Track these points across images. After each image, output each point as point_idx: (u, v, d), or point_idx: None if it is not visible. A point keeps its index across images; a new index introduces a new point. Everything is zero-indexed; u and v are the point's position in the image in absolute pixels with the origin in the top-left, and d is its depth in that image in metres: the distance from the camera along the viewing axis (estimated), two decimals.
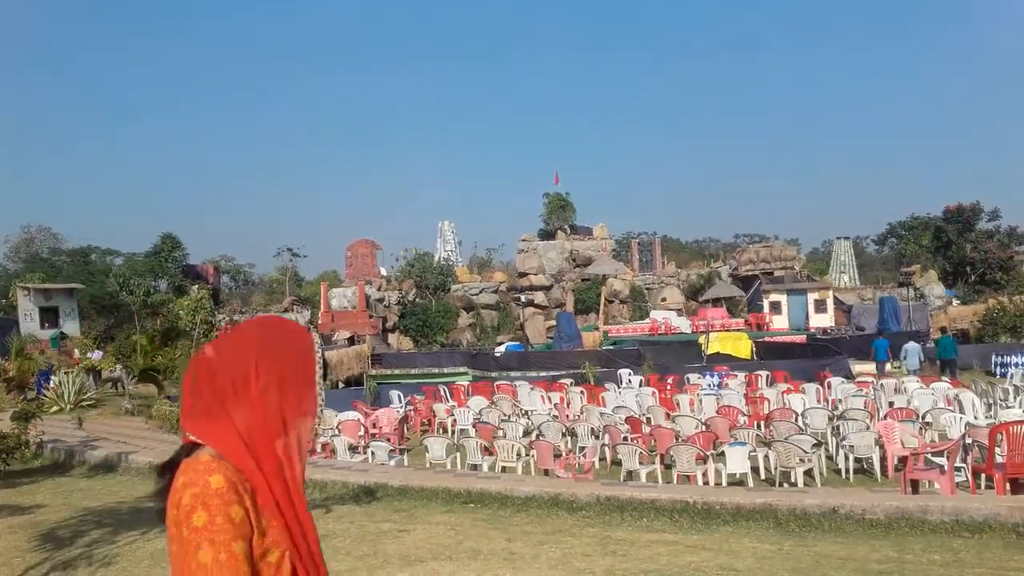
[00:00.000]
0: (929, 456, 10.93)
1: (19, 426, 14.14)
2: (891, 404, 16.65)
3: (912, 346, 24.17)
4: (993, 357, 25.94)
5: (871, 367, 25.07)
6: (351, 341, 40.30)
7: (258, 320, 1.71)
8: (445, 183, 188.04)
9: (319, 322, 44.89)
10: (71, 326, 40.14)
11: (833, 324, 42.23)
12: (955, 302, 41.47)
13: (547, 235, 53.98)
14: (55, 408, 21.73)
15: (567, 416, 18.16)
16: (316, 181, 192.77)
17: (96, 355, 29.55)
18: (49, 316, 39.90)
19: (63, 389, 22.64)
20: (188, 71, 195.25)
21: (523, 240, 53.32)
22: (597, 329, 41.67)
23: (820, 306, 43.08)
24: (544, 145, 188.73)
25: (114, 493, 11.19)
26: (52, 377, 23.94)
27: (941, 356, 24.54)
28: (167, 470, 1.55)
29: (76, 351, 33.90)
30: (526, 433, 15.91)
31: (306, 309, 47.39)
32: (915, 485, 10.21)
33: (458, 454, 14.36)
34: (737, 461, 12.00)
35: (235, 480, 1.46)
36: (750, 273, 47.75)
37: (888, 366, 25.02)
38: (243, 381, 1.56)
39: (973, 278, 48.68)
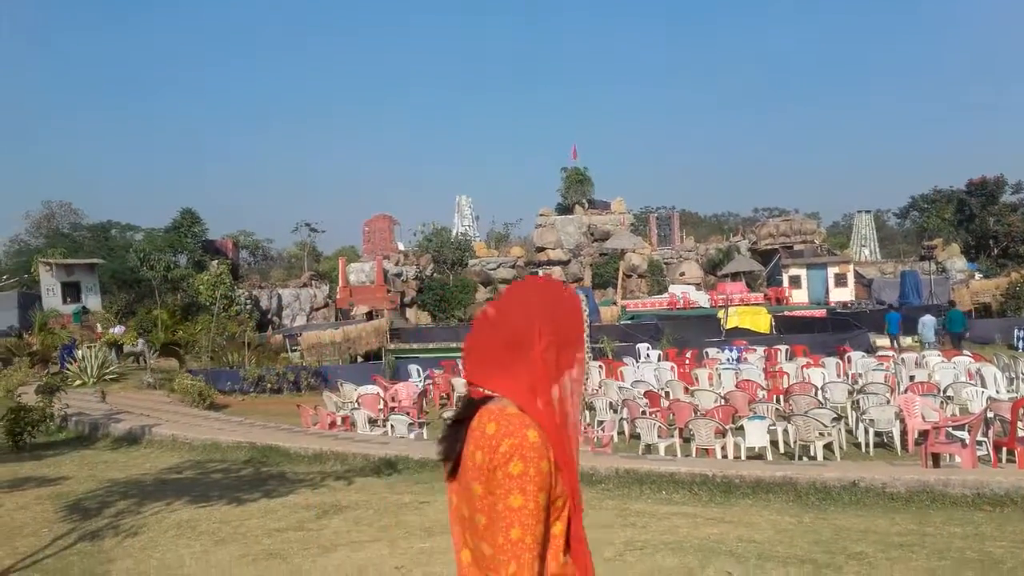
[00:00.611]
0: (950, 430, 10.89)
1: (44, 399, 14.37)
2: (912, 378, 16.57)
3: (928, 319, 24.42)
4: (1015, 331, 25.74)
5: (884, 341, 25.16)
6: (369, 316, 40.48)
7: (532, 282, 1.83)
8: (463, 158, 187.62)
9: (337, 297, 45.11)
10: (93, 301, 40.52)
11: (853, 298, 41.94)
12: (977, 276, 41.03)
13: (565, 210, 53.76)
14: (78, 382, 22.02)
15: (585, 390, 18.18)
16: (334, 156, 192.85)
17: (118, 330, 29.83)
18: (71, 291, 40.27)
19: (86, 363, 22.91)
20: (207, 45, 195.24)
21: (541, 215, 53.15)
22: (615, 304, 41.61)
23: (840, 280, 42.77)
24: (562, 119, 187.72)
25: (138, 465, 11.34)
26: (75, 351, 24.21)
27: (949, 329, 24.62)
28: (461, 420, 1.75)
29: (98, 326, 34.24)
30: None
31: (324, 284, 47.56)
32: (936, 459, 10.17)
33: None
34: (756, 435, 11.99)
35: (543, 436, 1.63)
36: (770, 247, 47.45)
37: (908, 339, 25.02)
38: (526, 340, 1.70)
39: (996, 252, 48.14)
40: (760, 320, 30.46)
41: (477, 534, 1.67)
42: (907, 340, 25.17)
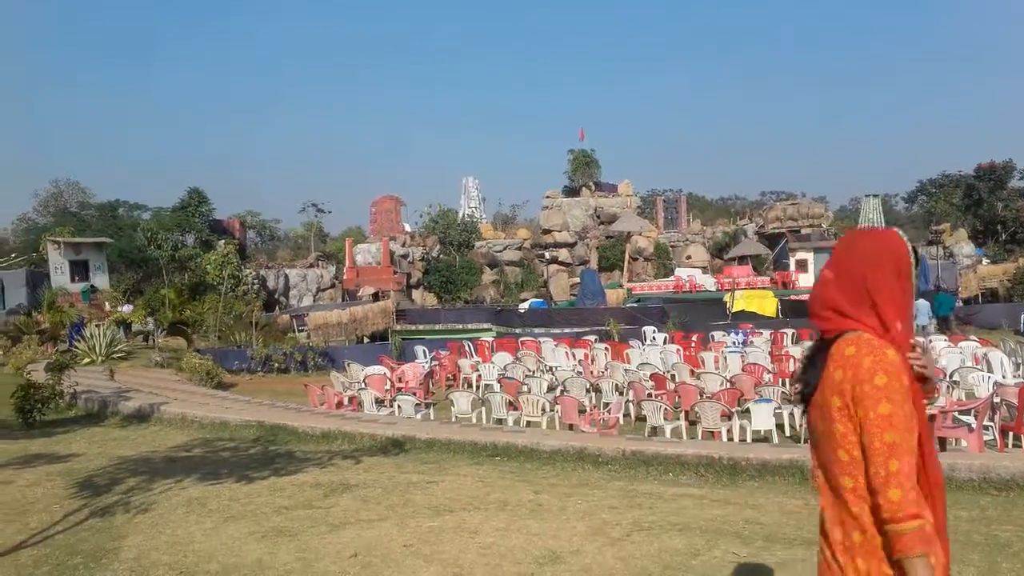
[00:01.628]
0: (957, 414, 10.89)
1: (53, 377, 14.44)
2: None
3: (921, 303, 24.69)
4: (1022, 316, 25.68)
5: None
6: (376, 297, 40.55)
7: (861, 234, 2.16)
8: (470, 140, 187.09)
9: (344, 277, 45.18)
10: (101, 280, 40.66)
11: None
12: (985, 261, 40.88)
13: (572, 192, 53.62)
14: (87, 360, 22.13)
15: (591, 372, 18.22)
16: (341, 137, 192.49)
17: (126, 308, 29.95)
18: (79, 270, 40.41)
19: (95, 341, 23.02)
20: (214, 23, 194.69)
21: (547, 197, 53.02)
22: (621, 286, 41.58)
23: None
24: (570, 101, 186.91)
25: (148, 442, 11.41)
26: (84, 330, 24.31)
27: (937, 312, 25.00)
28: (812, 357, 2.08)
29: (106, 304, 34.37)
30: (550, 389, 16.00)
31: (331, 264, 47.61)
32: (942, 443, 10.18)
33: (483, 409, 14.48)
34: (762, 418, 12.01)
35: (900, 356, 1.93)
36: (777, 231, 47.31)
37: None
38: (866, 285, 2.01)
39: (1004, 237, 47.88)
40: (766, 304, 30.44)
41: (834, 442, 1.93)
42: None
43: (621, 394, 14.89)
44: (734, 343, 21.18)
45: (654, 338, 23.93)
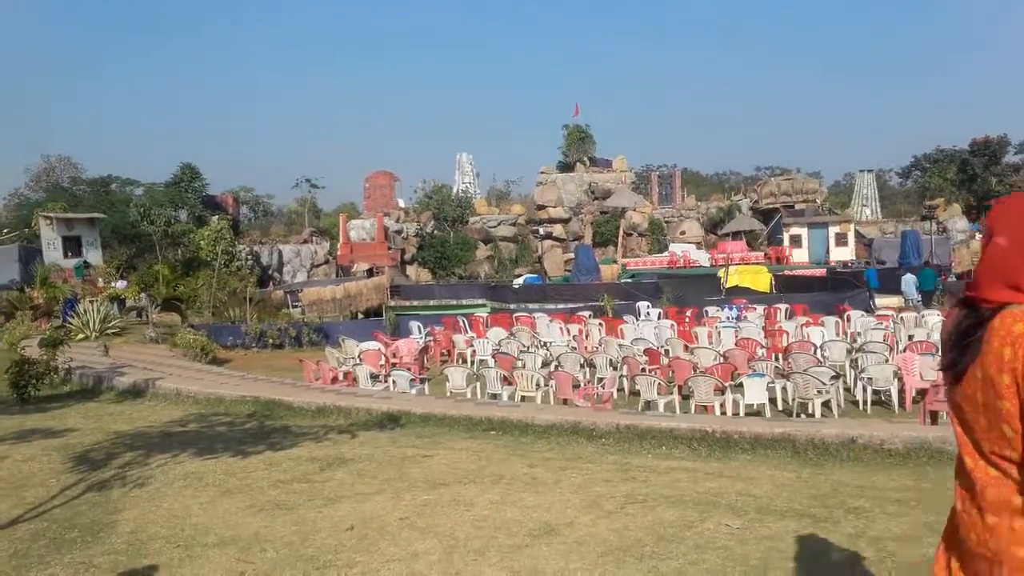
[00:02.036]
0: None
1: (47, 352, 14.44)
2: (911, 337, 16.64)
3: (909, 277, 25.49)
4: None
5: (892, 300, 25.44)
6: (370, 273, 40.52)
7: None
8: (464, 114, 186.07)
9: (338, 253, 45.10)
10: (94, 255, 40.50)
11: (854, 258, 41.97)
12: (978, 236, 40.97)
13: (566, 167, 53.54)
14: (81, 336, 22.09)
15: (586, 348, 18.28)
16: (335, 112, 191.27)
17: (120, 284, 29.87)
18: (72, 245, 40.23)
19: (88, 317, 22.98)
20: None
21: (542, 172, 52.95)
22: (615, 262, 41.65)
23: (841, 239, 42.75)
24: (565, 76, 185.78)
25: (144, 417, 11.43)
26: (77, 305, 24.25)
27: (922, 287, 25.39)
28: (965, 332, 1.97)
29: (100, 280, 34.26)
30: (545, 364, 16.05)
31: (325, 240, 47.51)
32: (934, 416, 10.26)
33: (478, 384, 14.52)
34: (755, 392, 12.08)
35: None
36: (771, 206, 47.36)
37: (891, 299, 25.60)
38: None
39: None
40: (760, 279, 30.52)
41: (999, 417, 1.87)
42: (890, 299, 25.81)
43: (615, 369, 14.94)
44: (728, 318, 21.25)
45: (648, 313, 23.99)
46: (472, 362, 18.52)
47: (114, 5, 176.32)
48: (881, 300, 25.63)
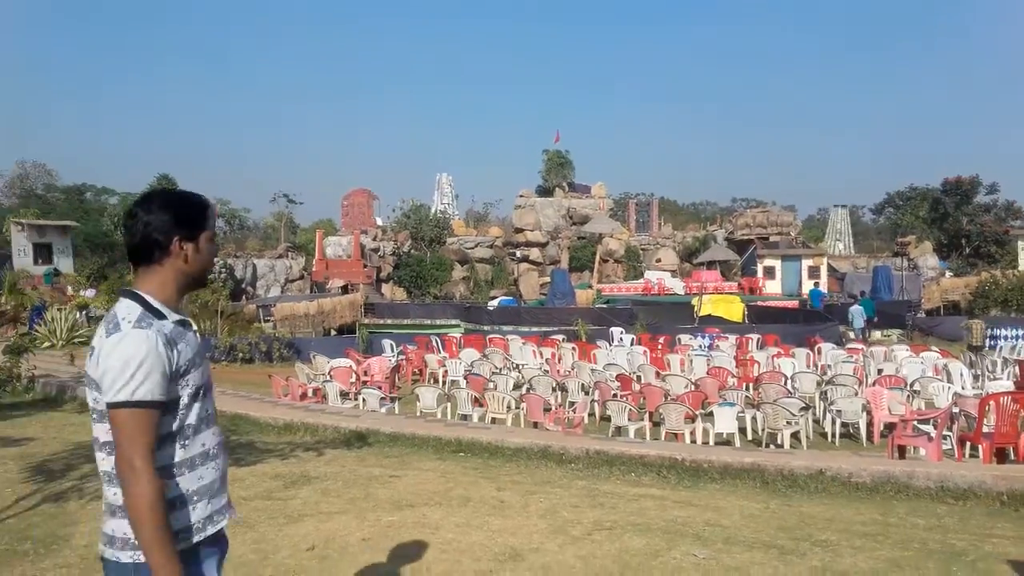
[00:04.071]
0: (916, 423, 11.02)
1: (11, 359, 14.13)
2: (880, 371, 16.74)
3: (855, 308, 26.80)
4: (966, 332, 26.10)
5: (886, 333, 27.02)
6: (345, 290, 40.27)
7: None
8: (445, 137, 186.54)
9: (313, 269, 44.81)
10: (65, 263, 39.97)
11: (826, 291, 42.28)
12: (948, 274, 41.52)
13: (545, 192, 53.73)
14: (47, 344, 21.72)
15: (558, 371, 18.21)
16: (315, 130, 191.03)
17: (89, 293, 29.45)
18: (42, 252, 39.70)
19: (55, 325, 22.60)
20: (187, 10, 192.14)
21: (521, 196, 53.05)
22: (591, 287, 41.71)
23: (814, 272, 43.08)
24: (545, 102, 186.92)
25: None
26: (45, 313, 23.86)
27: (865, 316, 26.71)
28: None
29: (69, 288, 33.77)
30: (517, 387, 15.97)
31: (300, 256, 47.21)
32: (902, 451, 10.29)
33: (449, 404, 14.40)
34: (725, 421, 12.07)
35: None
36: (746, 237, 47.67)
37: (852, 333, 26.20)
38: None
39: (968, 251, 48.66)
40: (733, 309, 30.67)
41: None
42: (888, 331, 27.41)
43: (587, 394, 14.89)
44: (700, 346, 21.30)
45: (621, 339, 24.00)
46: (444, 382, 18.40)
47: (93, 10, 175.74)
48: (851, 333, 25.81)
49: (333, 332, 31.79)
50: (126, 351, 2.24)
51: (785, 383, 14.89)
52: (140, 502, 2.19)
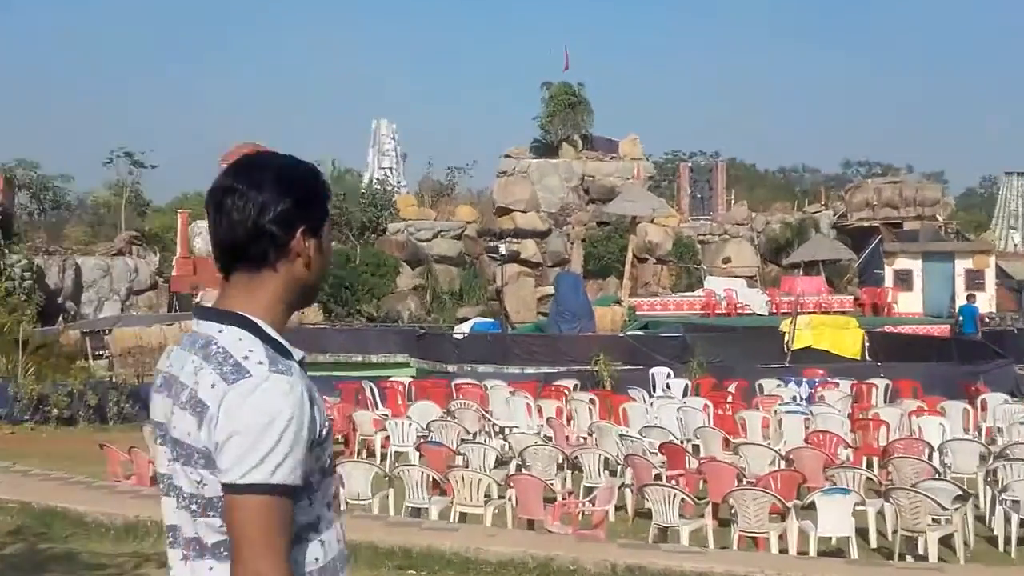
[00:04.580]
0: None
1: None
2: None
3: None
4: None
5: None
6: None
7: None
8: (387, 61, 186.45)
9: (173, 273, 44.71)
10: None
11: (994, 309, 42.34)
12: None
13: (546, 149, 53.46)
14: None
15: (567, 438, 18.21)
16: (175, 49, 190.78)
17: None
18: None
19: None
20: None
21: (507, 157, 52.65)
22: (620, 303, 41.73)
23: (975, 279, 43.12)
24: (547, 6, 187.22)
25: None
26: None
27: None
28: None
29: None
30: (501, 463, 15.95)
31: (153, 252, 47.09)
32: None
33: (391, 491, 14.38)
34: (835, 518, 12.07)
35: None
36: (866, 223, 47.73)
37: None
38: None
39: None
40: (847, 338, 30.75)
41: None
42: None
43: (613, 474, 14.88)
44: (795, 398, 21.33)
45: (668, 386, 24.02)
46: (383, 455, 18.37)
47: None
48: None
49: None
50: (268, 408, 2.14)
51: (930, 457, 14.92)
52: None
